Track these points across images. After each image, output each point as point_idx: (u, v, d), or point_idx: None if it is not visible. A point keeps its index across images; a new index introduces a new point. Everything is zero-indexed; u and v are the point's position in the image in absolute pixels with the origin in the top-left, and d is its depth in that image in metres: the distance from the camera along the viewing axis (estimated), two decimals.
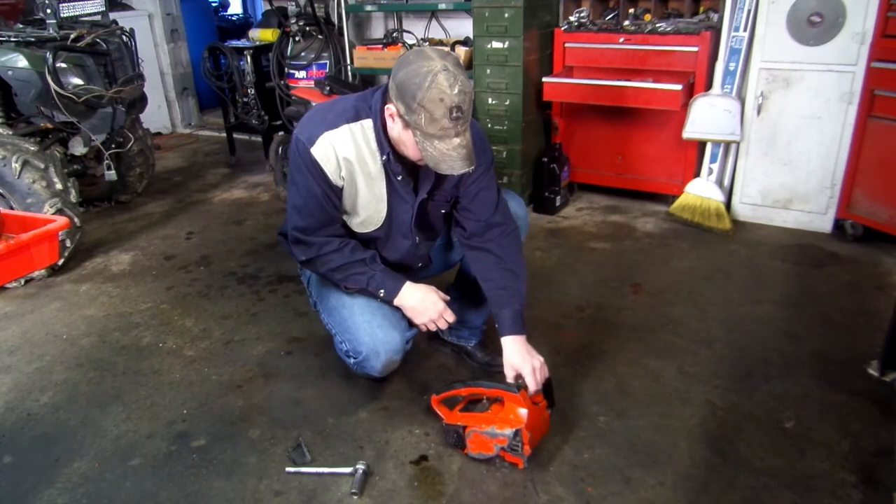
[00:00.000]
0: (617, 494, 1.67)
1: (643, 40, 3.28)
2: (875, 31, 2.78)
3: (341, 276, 1.84)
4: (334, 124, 1.72)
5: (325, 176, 1.74)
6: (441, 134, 1.54)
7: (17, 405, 2.10)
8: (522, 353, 1.80)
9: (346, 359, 1.94)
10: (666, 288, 2.73)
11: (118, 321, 2.61)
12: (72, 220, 3.03)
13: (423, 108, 1.51)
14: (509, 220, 1.92)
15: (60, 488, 1.75)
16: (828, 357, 2.22)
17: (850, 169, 3.02)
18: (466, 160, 1.58)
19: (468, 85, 1.55)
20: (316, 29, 4.27)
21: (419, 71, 1.51)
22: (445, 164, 1.58)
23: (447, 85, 1.50)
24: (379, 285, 1.83)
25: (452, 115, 1.52)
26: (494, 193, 1.90)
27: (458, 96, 1.51)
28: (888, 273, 2.80)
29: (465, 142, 1.57)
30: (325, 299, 1.97)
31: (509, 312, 1.83)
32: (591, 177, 3.79)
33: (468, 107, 1.55)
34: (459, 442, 1.79)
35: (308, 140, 1.72)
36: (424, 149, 1.57)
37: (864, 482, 1.68)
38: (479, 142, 1.81)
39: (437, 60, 1.52)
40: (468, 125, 1.58)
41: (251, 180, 4.46)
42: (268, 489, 1.72)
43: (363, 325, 1.84)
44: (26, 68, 3.06)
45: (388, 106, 1.62)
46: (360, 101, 1.75)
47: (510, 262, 1.88)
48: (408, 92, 1.52)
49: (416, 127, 1.55)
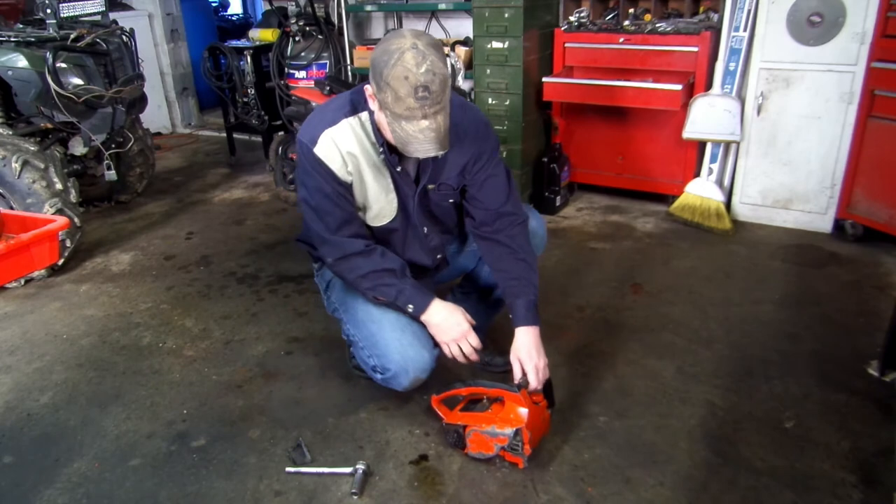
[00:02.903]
0: (617, 494, 1.67)
1: (643, 40, 3.28)
2: (875, 31, 2.78)
3: (370, 284, 1.79)
4: (333, 121, 1.71)
5: (332, 173, 1.72)
6: (407, 114, 1.49)
7: (17, 405, 2.10)
8: (530, 349, 1.79)
9: (372, 373, 1.89)
10: (666, 288, 2.73)
11: (118, 321, 2.61)
12: (72, 220, 3.03)
13: (389, 86, 1.47)
14: (519, 211, 1.89)
15: (60, 488, 1.75)
16: (828, 357, 2.22)
17: (849, 169, 3.02)
18: (436, 144, 1.52)
19: (440, 66, 1.48)
20: (316, 29, 4.26)
21: (389, 48, 1.48)
22: (412, 147, 1.54)
23: (413, 63, 1.45)
24: (408, 300, 1.79)
25: (418, 95, 1.46)
26: (503, 181, 1.86)
27: (424, 75, 1.45)
28: (888, 273, 2.80)
29: (436, 125, 1.51)
30: (352, 311, 1.92)
31: (523, 303, 1.82)
32: (591, 177, 3.79)
33: (438, 88, 1.48)
34: (459, 441, 1.79)
35: (310, 141, 1.70)
36: (393, 130, 1.53)
37: (864, 482, 1.68)
38: (479, 129, 1.79)
39: (409, 39, 1.48)
40: (441, 108, 1.51)
41: (251, 180, 4.46)
42: (268, 489, 1.72)
43: (393, 342, 1.80)
44: (26, 68, 3.06)
45: (367, 86, 1.60)
46: (355, 95, 1.73)
47: (522, 252, 1.86)
48: (377, 69, 1.49)
49: (385, 106, 1.52)
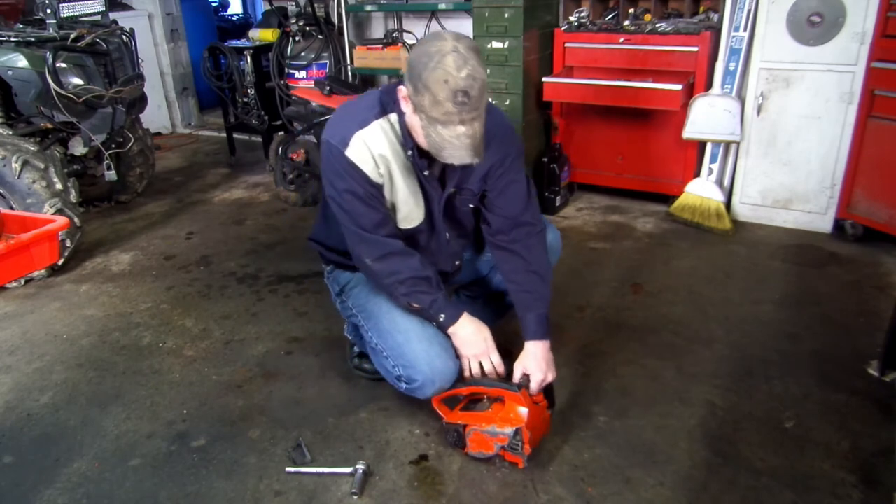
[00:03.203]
0: (617, 494, 1.67)
1: (643, 40, 3.28)
2: (875, 31, 2.78)
3: (406, 290, 1.76)
4: (364, 121, 1.67)
5: (364, 176, 1.67)
6: (445, 119, 1.46)
7: (17, 405, 2.10)
8: (539, 361, 1.79)
9: (395, 382, 1.87)
10: (666, 288, 2.73)
11: (118, 321, 2.61)
12: (72, 220, 3.03)
13: (428, 89, 1.44)
14: (538, 221, 1.87)
15: (60, 488, 1.75)
16: (828, 357, 2.22)
17: (849, 169, 3.02)
18: (471, 151, 1.50)
19: (480, 71, 1.45)
20: (316, 29, 4.27)
21: (429, 50, 1.45)
22: (447, 152, 1.51)
23: (454, 66, 1.42)
24: (441, 310, 1.77)
25: (457, 99, 1.43)
26: (524, 188, 1.84)
27: (465, 80, 1.42)
28: (888, 273, 2.80)
29: (472, 132, 1.48)
30: (375, 319, 1.88)
31: (533, 317, 1.82)
32: (591, 177, 3.79)
33: (477, 94, 1.45)
34: (459, 441, 1.79)
35: (341, 143, 1.66)
36: (428, 134, 1.50)
37: (864, 482, 1.68)
38: (503, 132, 1.76)
39: (450, 41, 1.45)
40: (478, 115, 1.48)
41: (251, 180, 4.46)
42: (268, 489, 1.72)
43: (421, 353, 1.77)
44: (26, 68, 3.06)
45: (401, 87, 1.57)
46: (384, 95, 1.70)
47: (536, 264, 1.84)
48: (415, 71, 1.46)
49: (420, 109, 1.48)
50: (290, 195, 3.89)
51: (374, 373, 2.11)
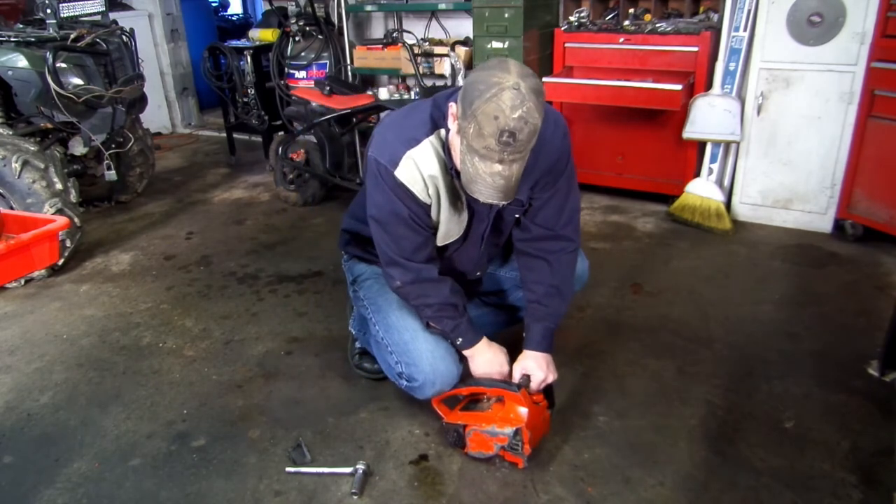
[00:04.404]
0: (617, 494, 1.67)
1: (643, 40, 3.28)
2: (875, 31, 2.78)
3: (432, 314, 1.76)
4: (415, 139, 1.61)
5: (413, 197, 1.63)
6: (484, 153, 1.38)
7: (17, 405, 2.10)
8: (539, 361, 1.79)
9: (396, 378, 1.87)
10: (666, 288, 2.73)
11: (118, 321, 2.61)
12: (72, 220, 3.03)
13: (475, 118, 1.36)
14: (576, 238, 1.84)
15: (60, 488, 1.75)
16: (828, 357, 2.22)
17: (849, 169, 3.02)
18: (500, 192, 1.42)
19: (535, 116, 1.37)
20: (316, 29, 4.27)
21: (489, 79, 1.37)
22: (476, 187, 1.44)
23: (509, 105, 1.34)
24: (461, 334, 1.78)
25: (502, 139, 1.35)
26: (568, 201, 1.79)
27: (515, 121, 1.34)
28: (888, 273, 2.80)
29: (509, 173, 1.41)
30: (384, 313, 1.88)
31: (540, 328, 1.81)
32: (591, 177, 3.79)
33: (525, 138, 1.37)
34: (459, 441, 1.79)
35: (390, 162, 1.60)
36: (463, 161, 1.44)
37: (864, 482, 1.68)
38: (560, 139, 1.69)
39: (513, 76, 1.36)
40: (520, 157, 1.41)
41: (251, 180, 4.46)
42: (268, 489, 1.72)
43: (426, 354, 1.78)
44: (26, 68, 3.06)
45: (452, 104, 1.50)
46: (435, 110, 1.63)
47: (560, 280, 1.82)
48: (468, 96, 1.39)
49: (464, 135, 1.41)
50: (290, 195, 3.89)
51: (374, 372, 2.12)
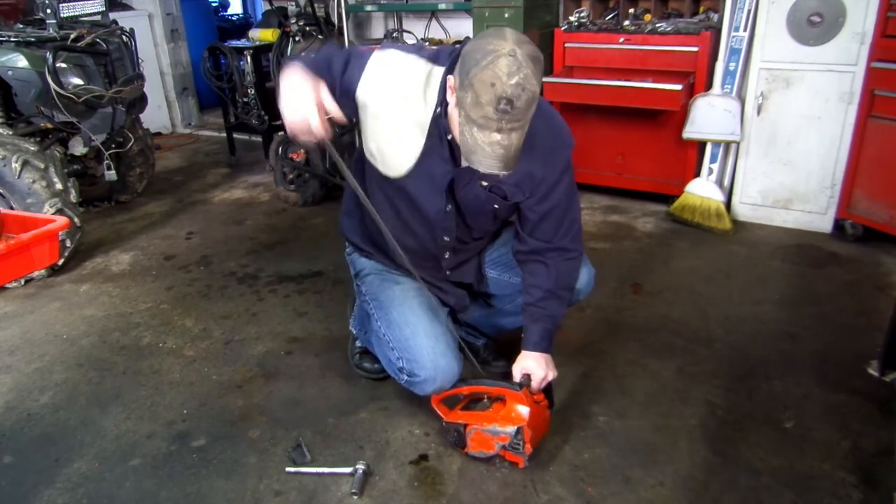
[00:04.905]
0: (617, 494, 1.67)
1: (643, 40, 3.28)
2: (875, 31, 2.78)
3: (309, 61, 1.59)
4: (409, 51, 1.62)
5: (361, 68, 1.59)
6: (481, 122, 1.37)
7: (17, 405, 2.10)
8: (539, 360, 1.78)
9: (396, 374, 1.85)
10: (666, 288, 2.73)
11: (118, 321, 2.61)
12: (72, 220, 3.03)
13: (472, 87, 1.35)
14: (577, 247, 1.82)
15: (60, 488, 1.75)
16: (828, 357, 2.22)
17: (849, 169, 3.02)
18: (500, 161, 1.40)
19: (532, 82, 1.35)
20: (316, 29, 4.27)
21: (485, 47, 1.35)
22: (476, 157, 1.42)
23: (505, 71, 1.32)
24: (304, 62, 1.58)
25: (500, 106, 1.34)
26: (569, 214, 1.77)
27: (513, 88, 1.32)
28: (888, 273, 2.80)
29: (508, 142, 1.39)
30: (385, 309, 1.87)
31: (538, 329, 1.79)
32: (591, 177, 3.79)
33: (523, 105, 1.35)
34: (460, 440, 1.79)
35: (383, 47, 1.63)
36: (462, 133, 1.42)
37: (864, 482, 1.68)
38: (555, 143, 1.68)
39: (509, 42, 1.34)
40: (519, 126, 1.40)
41: (251, 180, 4.46)
42: (268, 489, 1.72)
43: (427, 349, 1.76)
44: (26, 68, 3.06)
45: (450, 76, 1.49)
46: (442, 50, 1.63)
47: (558, 284, 1.79)
48: (464, 65, 1.37)
49: (461, 106, 1.40)
50: (290, 195, 3.89)
51: (375, 372, 2.12)
